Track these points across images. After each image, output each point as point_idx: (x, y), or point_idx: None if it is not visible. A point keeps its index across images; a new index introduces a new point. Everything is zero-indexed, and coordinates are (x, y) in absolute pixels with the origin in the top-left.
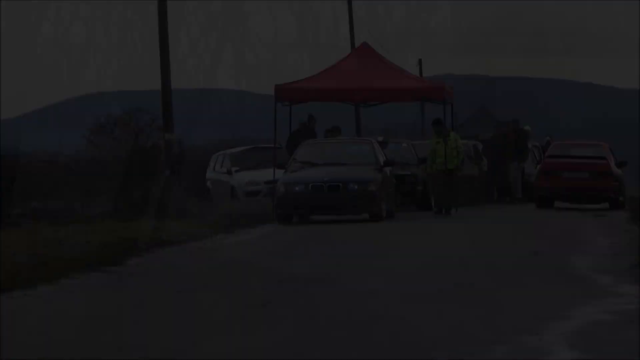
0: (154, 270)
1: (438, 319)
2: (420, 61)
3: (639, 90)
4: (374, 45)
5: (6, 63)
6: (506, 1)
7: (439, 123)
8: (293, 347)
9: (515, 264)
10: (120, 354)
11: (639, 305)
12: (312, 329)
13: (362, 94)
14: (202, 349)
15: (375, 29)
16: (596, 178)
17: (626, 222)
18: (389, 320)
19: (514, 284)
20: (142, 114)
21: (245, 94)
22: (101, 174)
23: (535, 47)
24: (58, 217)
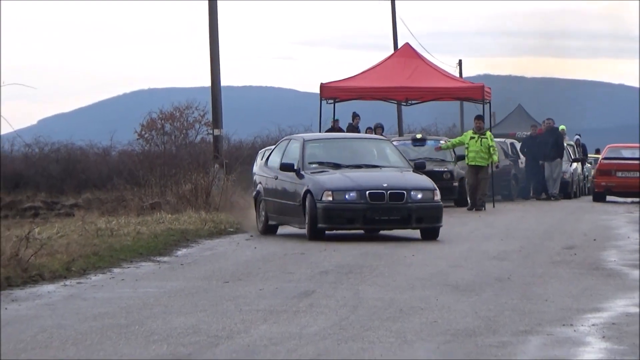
0: (202, 260)
1: (476, 309)
2: (460, 62)
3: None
4: (415, 46)
5: (62, 59)
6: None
7: (481, 118)
8: (335, 334)
9: (551, 256)
10: (171, 339)
11: None
12: (353, 317)
13: (403, 92)
14: (250, 334)
15: (417, 31)
16: None
17: None
18: (429, 311)
19: (550, 276)
20: (191, 110)
21: (291, 92)
22: (151, 167)
23: (566, 50)
24: (110, 207)
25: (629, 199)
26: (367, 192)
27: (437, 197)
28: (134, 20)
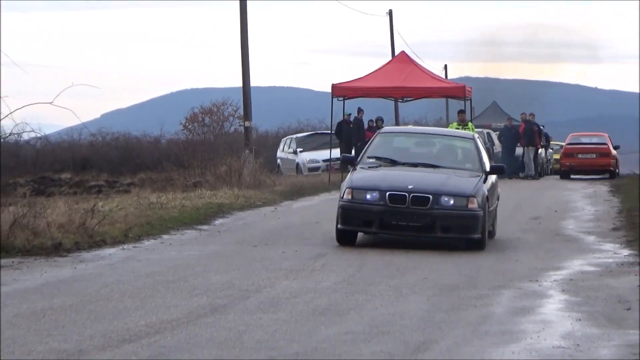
0: (235, 228)
1: (459, 268)
2: (445, 66)
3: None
4: (409, 53)
5: (120, 64)
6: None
7: (463, 112)
8: (344, 288)
9: (521, 225)
10: (210, 292)
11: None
12: (359, 275)
13: (399, 91)
14: (274, 288)
15: (411, 41)
16: (600, 157)
17: (607, 194)
18: (421, 270)
19: (519, 241)
20: (226, 106)
21: (307, 91)
22: (194, 153)
23: (534, 56)
24: (160, 185)
25: (586, 177)
26: (387, 194)
27: (474, 204)
28: (180, 30)
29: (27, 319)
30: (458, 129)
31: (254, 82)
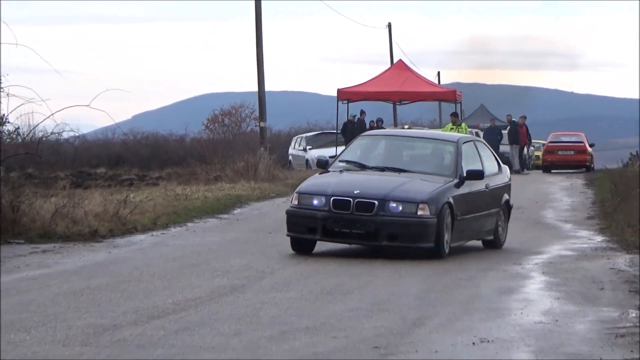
0: (252, 217)
1: (450, 254)
2: (438, 73)
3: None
4: (406, 61)
5: (149, 71)
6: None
7: (455, 115)
8: (349, 270)
9: None
10: (229, 274)
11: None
12: (362, 258)
13: (397, 95)
14: (287, 270)
15: (408, 50)
16: (578, 154)
17: (582, 187)
18: (417, 255)
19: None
20: (243, 108)
21: (315, 95)
22: (215, 150)
23: (518, 64)
24: (185, 179)
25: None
26: (332, 199)
27: (425, 211)
28: (203, 41)
29: (67, 297)
30: (452, 129)
31: (268, 87)
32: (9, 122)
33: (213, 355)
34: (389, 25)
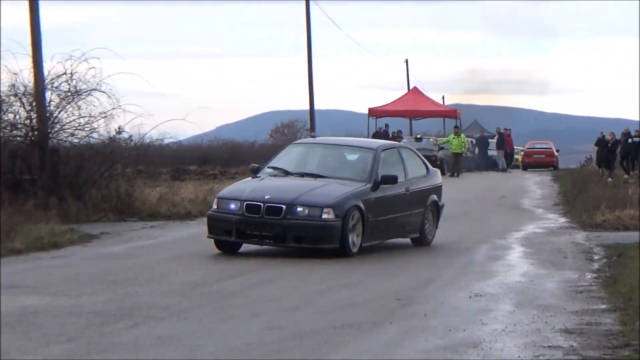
0: None
1: (449, 231)
2: (443, 97)
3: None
4: (420, 88)
5: (227, 91)
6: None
7: (456, 127)
8: (371, 246)
9: (493, 201)
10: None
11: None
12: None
13: (412, 113)
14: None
15: (421, 77)
16: (547, 157)
17: (550, 181)
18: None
19: (492, 212)
20: (298, 122)
21: (349, 113)
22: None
23: (501, 90)
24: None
25: (539, 170)
26: (245, 204)
27: (329, 215)
28: (269, 71)
29: (169, 261)
30: (454, 138)
31: (317, 106)
32: (124, 132)
33: (282, 304)
34: (406, 61)
